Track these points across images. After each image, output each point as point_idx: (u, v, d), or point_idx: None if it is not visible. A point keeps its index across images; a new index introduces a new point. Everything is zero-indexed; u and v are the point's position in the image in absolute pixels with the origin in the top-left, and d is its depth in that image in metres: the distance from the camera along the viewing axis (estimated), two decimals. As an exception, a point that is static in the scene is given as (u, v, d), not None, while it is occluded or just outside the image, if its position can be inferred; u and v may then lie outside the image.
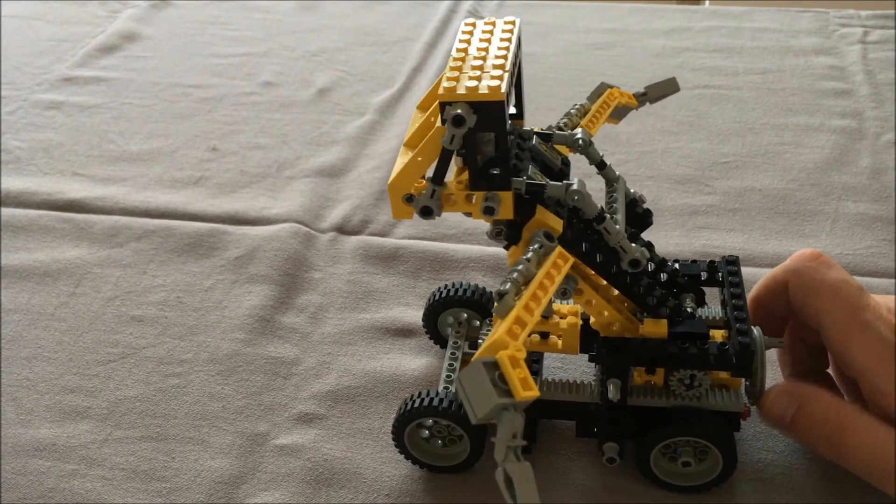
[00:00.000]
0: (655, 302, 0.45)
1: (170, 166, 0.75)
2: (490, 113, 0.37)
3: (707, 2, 1.39)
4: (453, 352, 0.52)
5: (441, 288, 0.55)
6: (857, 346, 0.43)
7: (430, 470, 0.49)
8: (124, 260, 0.65)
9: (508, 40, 0.41)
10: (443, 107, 0.37)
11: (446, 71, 0.39)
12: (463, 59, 0.39)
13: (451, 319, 0.54)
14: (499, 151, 0.39)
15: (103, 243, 0.66)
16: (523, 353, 0.34)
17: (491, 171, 0.39)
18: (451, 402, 0.46)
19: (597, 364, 0.48)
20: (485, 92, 0.37)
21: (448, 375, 0.51)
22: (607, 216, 0.42)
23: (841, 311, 0.44)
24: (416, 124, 0.43)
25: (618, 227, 0.42)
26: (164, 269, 0.64)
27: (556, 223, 0.41)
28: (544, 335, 0.49)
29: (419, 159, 0.40)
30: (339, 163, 0.74)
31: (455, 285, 0.54)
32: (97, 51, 0.91)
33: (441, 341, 0.56)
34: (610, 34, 0.92)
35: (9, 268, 0.64)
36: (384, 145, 0.76)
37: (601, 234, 0.42)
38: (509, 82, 0.39)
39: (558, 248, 0.40)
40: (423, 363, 0.56)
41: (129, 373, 0.56)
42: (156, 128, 0.80)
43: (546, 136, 0.44)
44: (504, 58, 0.39)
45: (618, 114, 0.50)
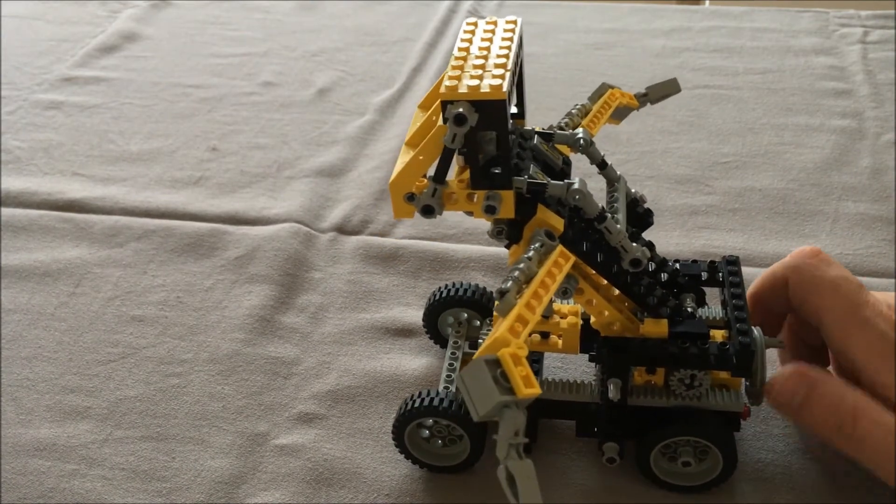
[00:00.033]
0: (656, 302, 0.45)
1: (170, 166, 0.75)
2: (492, 112, 0.37)
3: (707, 2, 1.40)
4: (453, 352, 0.52)
5: (441, 288, 0.55)
6: (858, 342, 0.43)
7: (430, 470, 0.49)
8: (124, 260, 0.65)
9: (510, 40, 0.41)
10: (444, 105, 0.37)
11: (448, 70, 0.39)
12: (465, 59, 0.39)
13: (452, 319, 0.54)
14: (500, 150, 0.39)
15: (103, 243, 0.66)
16: (525, 350, 0.34)
17: (492, 170, 0.39)
18: (452, 402, 0.46)
19: (597, 364, 0.48)
20: (486, 91, 0.37)
21: (448, 375, 0.51)
22: (608, 216, 0.42)
23: (841, 308, 0.44)
24: (418, 123, 0.43)
25: (619, 226, 0.42)
26: (164, 269, 0.64)
27: (558, 222, 0.41)
28: (545, 335, 0.49)
29: (420, 158, 0.40)
30: (339, 163, 0.74)
31: (455, 285, 0.54)
32: (97, 51, 0.91)
33: (441, 341, 0.56)
34: (610, 34, 0.92)
35: (9, 268, 0.64)
36: (384, 145, 0.76)
37: (602, 234, 0.42)
38: (511, 81, 0.39)
39: (559, 247, 0.40)
40: (423, 363, 0.56)
41: (130, 373, 0.56)
42: (156, 128, 0.80)
43: (547, 136, 0.44)
44: (506, 57, 0.39)
45: (619, 114, 0.50)
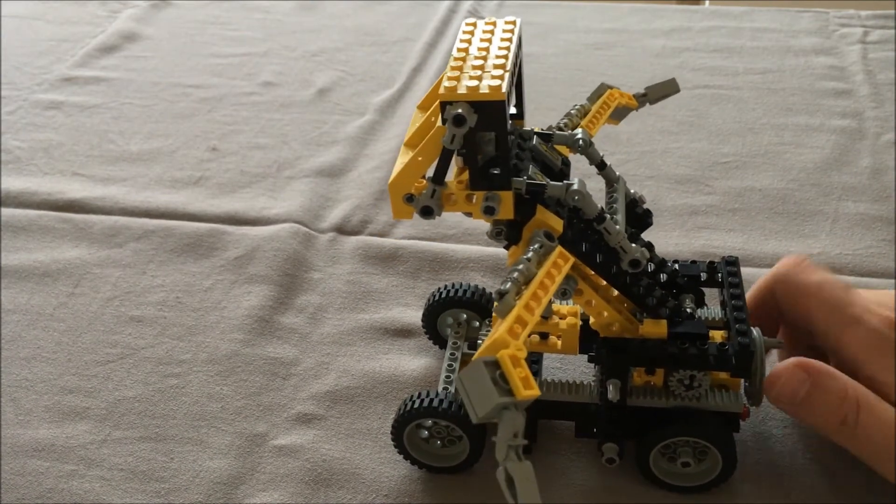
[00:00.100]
0: (655, 302, 0.45)
1: (170, 166, 0.75)
2: (491, 112, 0.37)
3: (707, 2, 1.39)
4: (453, 352, 0.52)
5: (440, 288, 0.54)
6: (850, 341, 0.44)
7: (429, 470, 0.49)
8: (124, 260, 0.65)
9: (509, 40, 0.41)
10: (443, 106, 0.37)
11: (447, 70, 0.39)
12: (464, 59, 0.39)
13: (451, 320, 0.54)
14: (499, 151, 0.39)
15: (103, 243, 0.66)
16: (524, 352, 0.34)
17: (491, 171, 0.39)
18: (451, 403, 0.46)
19: (596, 364, 0.48)
20: (486, 91, 0.37)
21: (447, 376, 0.51)
22: (607, 216, 0.42)
23: (828, 310, 0.45)
24: (417, 124, 0.43)
25: (618, 227, 0.42)
26: (164, 269, 0.64)
27: (557, 223, 0.41)
28: (544, 335, 0.49)
29: (420, 159, 0.40)
30: (339, 163, 0.74)
31: (455, 286, 0.54)
32: (97, 51, 0.91)
33: (440, 342, 0.56)
34: (610, 34, 0.92)
35: (8, 268, 0.64)
36: (384, 145, 0.76)
37: (601, 235, 0.42)
38: (510, 82, 0.39)
39: (559, 248, 0.40)
40: (422, 363, 0.55)
41: (128, 373, 0.56)
42: (156, 128, 0.80)
43: (546, 137, 0.44)
44: (505, 58, 0.39)
45: (618, 114, 0.50)
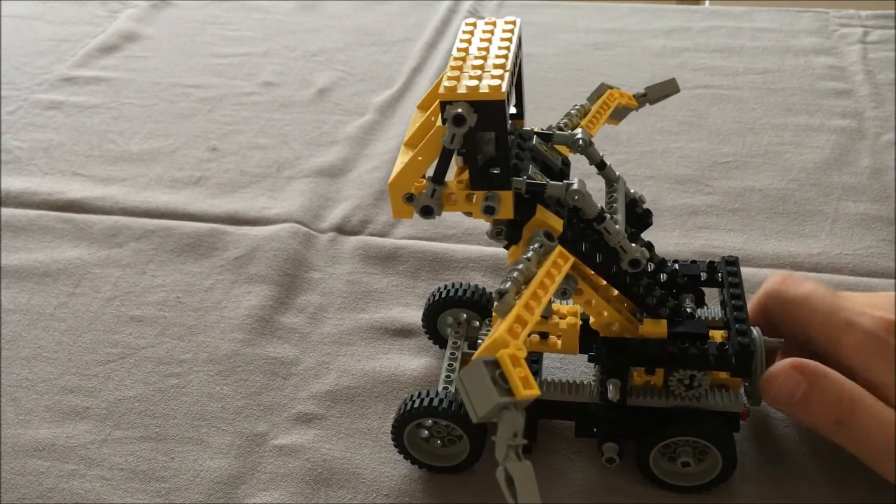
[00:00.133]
0: (655, 302, 0.45)
1: (170, 166, 0.75)
2: (491, 112, 0.37)
3: (707, 2, 1.40)
4: (453, 352, 0.52)
5: (441, 288, 0.54)
6: (845, 345, 0.44)
7: (429, 470, 0.49)
8: (124, 260, 0.65)
9: (509, 40, 0.41)
10: (443, 106, 0.37)
11: (447, 70, 0.39)
12: (464, 59, 0.39)
13: (451, 320, 0.54)
14: (499, 151, 0.39)
15: (103, 243, 0.66)
16: (524, 351, 0.34)
17: (491, 171, 0.39)
18: (451, 403, 0.46)
19: (596, 364, 0.48)
20: (485, 91, 0.37)
21: (448, 376, 0.51)
22: (607, 216, 0.42)
23: (821, 318, 0.45)
24: (417, 124, 0.43)
25: (618, 227, 0.42)
26: (164, 269, 0.64)
27: (557, 223, 0.41)
28: (544, 335, 0.49)
29: (420, 159, 0.40)
30: (339, 163, 0.74)
31: (455, 285, 0.54)
32: (97, 51, 0.91)
33: (440, 341, 0.56)
34: (610, 34, 0.92)
35: (9, 268, 0.64)
36: (384, 145, 0.76)
37: (601, 234, 0.42)
38: (510, 82, 0.39)
39: (559, 248, 0.40)
40: (422, 363, 0.55)
41: (129, 373, 0.56)
42: (156, 128, 0.80)
43: (546, 137, 0.44)
44: (505, 57, 0.39)
45: (618, 114, 0.50)
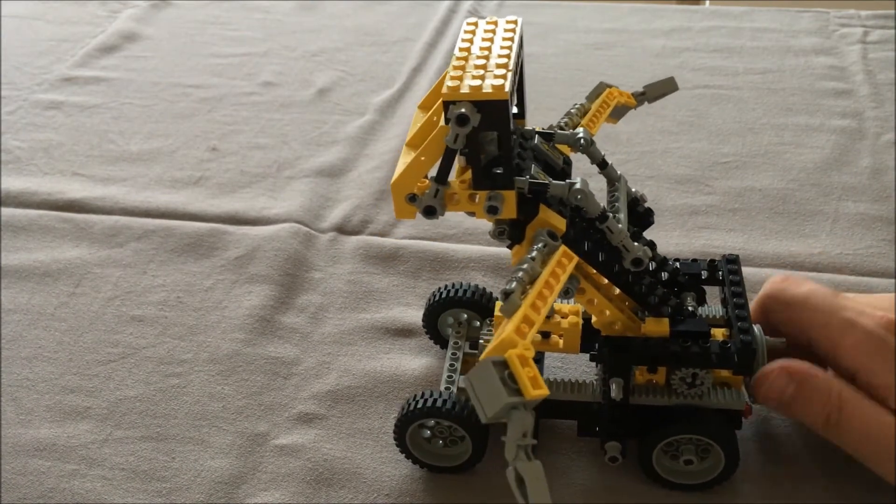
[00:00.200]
0: (657, 301, 0.45)
1: (170, 166, 0.75)
2: (494, 112, 0.37)
3: (707, 2, 1.40)
4: (454, 352, 0.52)
5: (441, 288, 0.54)
6: (846, 345, 0.44)
7: (431, 470, 0.49)
8: (124, 260, 0.65)
9: (511, 39, 0.41)
10: (446, 106, 0.37)
11: (449, 70, 0.38)
12: (466, 59, 0.39)
13: (452, 320, 0.54)
14: (502, 150, 0.39)
15: (103, 243, 0.66)
16: (532, 351, 0.34)
17: (494, 171, 0.39)
18: (454, 404, 0.46)
19: (598, 363, 0.48)
20: (489, 91, 0.37)
21: (449, 376, 0.51)
22: (610, 215, 0.42)
23: (822, 318, 0.45)
24: (418, 124, 0.43)
25: (620, 226, 0.42)
26: (164, 269, 0.64)
27: (560, 222, 0.41)
28: (545, 335, 0.49)
29: (422, 159, 0.40)
30: (339, 163, 0.74)
31: (455, 285, 0.54)
32: (97, 51, 0.91)
33: (441, 341, 0.56)
34: (610, 34, 0.92)
35: (9, 268, 0.64)
36: (384, 145, 0.76)
37: (603, 234, 0.42)
38: (512, 81, 0.39)
39: (563, 248, 0.40)
40: (422, 363, 0.55)
41: (129, 373, 0.56)
42: (156, 128, 0.80)
43: (548, 136, 0.44)
44: (507, 57, 0.39)
45: (616, 113, 0.50)
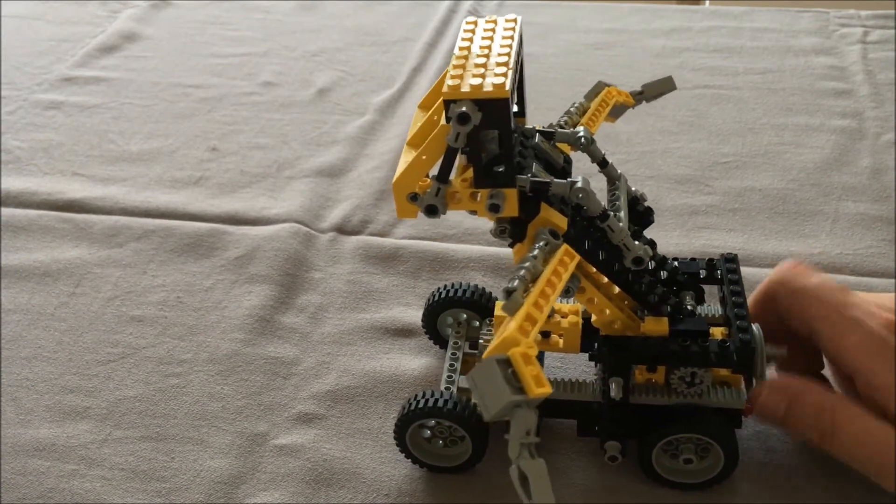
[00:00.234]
0: (657, 299, 0.45)
1: (170, 166, 0.75)
2: (495, 110, 0.37)
3: (707, 2, 1.40)
4: (454, 352, 0.52)
5: (440, 288, 0.54)
6: (849, 343, 0.44)
7: (431, 470, 0.49)
8: (124, 260, 0.65)
9: (511, 38, 0.41)
10: (447, 104, 0.37)
11: (450, 69, 0.38)
12: (466, 58, 0.39)
13: (451, 320, 0.54)
14: (503, 149, 0.39)
15: (103, 243, 0.66)
16: (535, 350, 0.34)
17: (496, 169, 0.39)
18: (456, 404, 0.46)
19: (598, 363, 0.48)
20: (489, 90, 0.37)
21: (449, 376, 0.51)
22: (611, 214, 0.41)
23: (828, 312, 0.45)
24: (419, 123, 0.43)
25: (621, 224, 0.42)
26: (164, 269, 0.64)
27: (561, 221, 0.41)
28: (545, 334, 0.49)
29: (423, 158, 0.40)
30: (339, 163, 0.74)
31: (455, 285, 0.54)
32: (97, 51, 0.91)
33: (440, 341, 0.56)
34: (610, 34, 0.92)
35: (9, 268, 0.64)
36: (384, 145, 0.76)
37: (604, 232, 0.42)
38: (513, 80, 0.39)
39: (564, 246, 0.40)
40: (422, 363, 0.55)
41: (129, 373, 0.56)
42: (156, 128, 0.80)
43: (548, 134, 0.44)
44: (507, 55, 0.39)
45: (615, 112, 0.50)
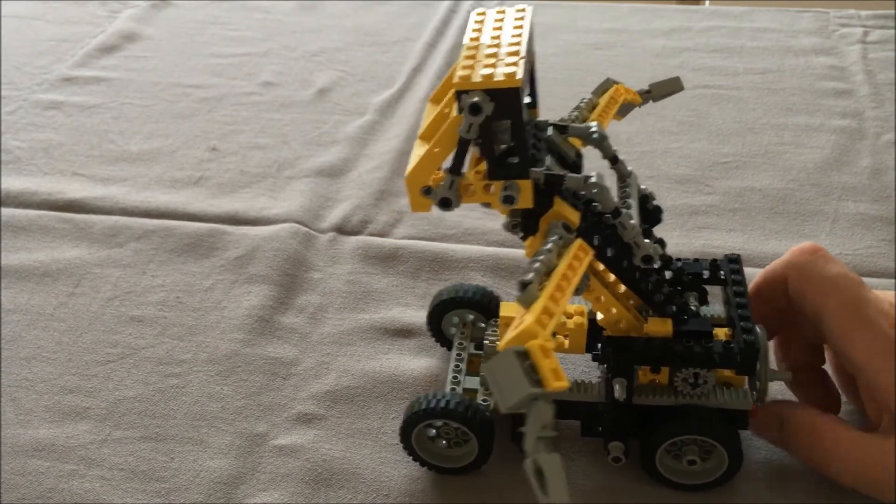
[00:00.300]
0: (663, 299, 0.44)
1: (170, 166, 0.75)
2: (506, 100, 0.37)
3: (707, 2, 1.40)
4: (459, 353, 0.52)
5: (447, 288, 0.54)
6: (858, 341, 0.43)
7: (435, 471, 0.48)
8: (124, 260, 0.64)
9: (521, 27, 0.40)
10: (459, 95, 0.37)
11: (460, 60, 0.38)
12: (476, 48, 0.39)
13: (456, 320, 0.54)
14: (516, 139, 0.38)
15: (103, 243, 0.66)
16: (552, 343, 0.34)
17: (509, 160, 0.39)
18: (467, 406, 0.45)
19: (601, 363, 0.47)
20: (501, 79, 0.36)
21: (455, 377, 0.50)
22: (623, 210, 0.41)
23: (842, 306, 0.44)
24: (430, 117, 0.42)
25: (633, 221, 0.41)
26: (164, 269, 0.64)
27: (574, 215, 0.40)
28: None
29: (436, 150, 0.40)
30: (339, 163, 0.74)
31: (461, 286, 0.54)
32: (97, 51, 0.91)
33: (444, 341, 0.55)
34: (610, 34, 0.92)
35: (9, 268, 0.64)
36: (384, 145, 0.76)
37: (613, 229, 0.41)
38: (524, 69, 0.38)
39: (579, 241, 0.40)
40: (422, 363, 0.55)
41: (129, 373, 0.56)
42: (156, 128, 0.80)
43: (562, 128, 0.44)
44: (518, 44, 0.39)
45: (622, 110, 0.50)
